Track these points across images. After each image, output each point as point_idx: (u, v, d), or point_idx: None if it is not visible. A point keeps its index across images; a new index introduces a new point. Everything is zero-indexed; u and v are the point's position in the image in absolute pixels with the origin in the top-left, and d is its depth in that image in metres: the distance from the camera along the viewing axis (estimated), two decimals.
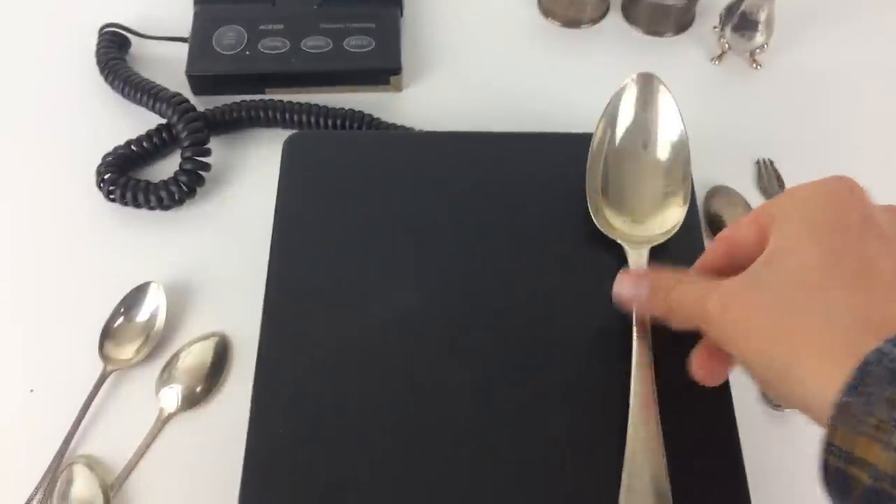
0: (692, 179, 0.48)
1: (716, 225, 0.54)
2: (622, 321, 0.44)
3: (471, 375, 0.44)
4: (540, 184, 0.50)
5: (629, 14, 0.65)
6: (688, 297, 0.39)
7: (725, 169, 0.57)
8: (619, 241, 0.47)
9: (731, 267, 0.38)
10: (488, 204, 0.50)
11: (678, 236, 0.47)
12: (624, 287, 0.43)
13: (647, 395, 0.41)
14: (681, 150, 0.48)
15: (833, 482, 0.29)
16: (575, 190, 0.49)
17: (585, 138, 0.50)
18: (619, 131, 0.49)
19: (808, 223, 0.36)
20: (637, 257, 0.46)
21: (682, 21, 0.65)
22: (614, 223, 0.47)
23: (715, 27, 0.63)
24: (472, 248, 0.48)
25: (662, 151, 0.48)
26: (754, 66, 0.63)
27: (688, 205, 0.47)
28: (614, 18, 0.66)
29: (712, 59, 0.63)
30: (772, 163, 0.57)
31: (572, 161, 0.50)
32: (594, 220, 0.47)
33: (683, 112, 0.49)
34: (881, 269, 0.34)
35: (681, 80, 0.62)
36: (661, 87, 0.48)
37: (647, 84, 0.49)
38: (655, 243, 0.46)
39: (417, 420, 0.43)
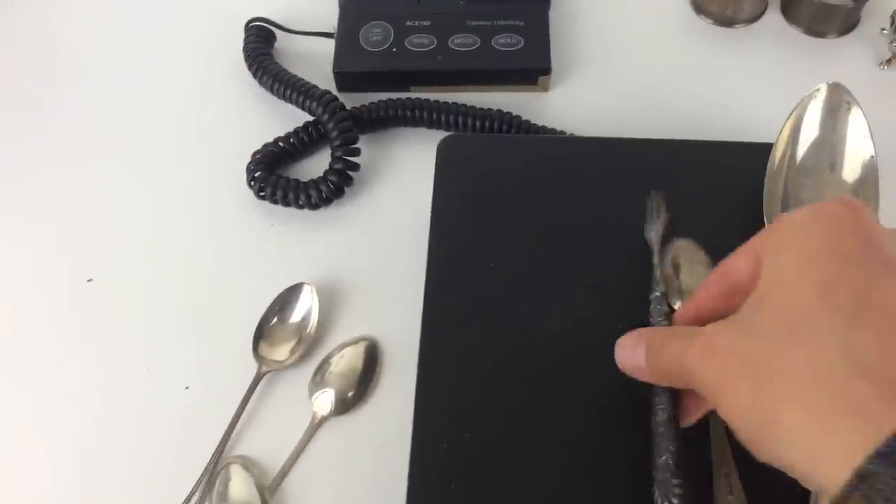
0: (879, 202, 0.45)
1: None
2: None
3: (635, 387, 0.42)
4: (707, 196, 0.48)
5: (789, 13, 0.62)
6: (672, 353, 0.34)
7: None
8: None
9: (729, 308, 0.34)
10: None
11: None
12: (623, 355, 0.38)
13: None
14: (870, 171, 0.45)
15: None
16: (746, 205, 0.47)
17: (755, 148, 0.48)
18: (803, 148, 0.46)
19: (800, 253, 0.31)
20: None
21: (847, 22, 0.61)
22: None
23: (883, 30, 0.60)
24: (634, 256, 0.46)
25: (850, 170, 0.45)
26: None
27: None
28: (772, 17, 0.63)
29: (880, 64, 0.60)
30: None
31: (743, 174, 0.48)
32: None
33: None
34: (880, 302, 0.29)
35: (845, 84, 0.59)
36: (851, 101, 0.45)
37: (836, 95, 0.46)
38: None
39: (588, 435, 0.41)
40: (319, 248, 0.53)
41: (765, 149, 0.47)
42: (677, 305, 0.44)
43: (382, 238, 0.54)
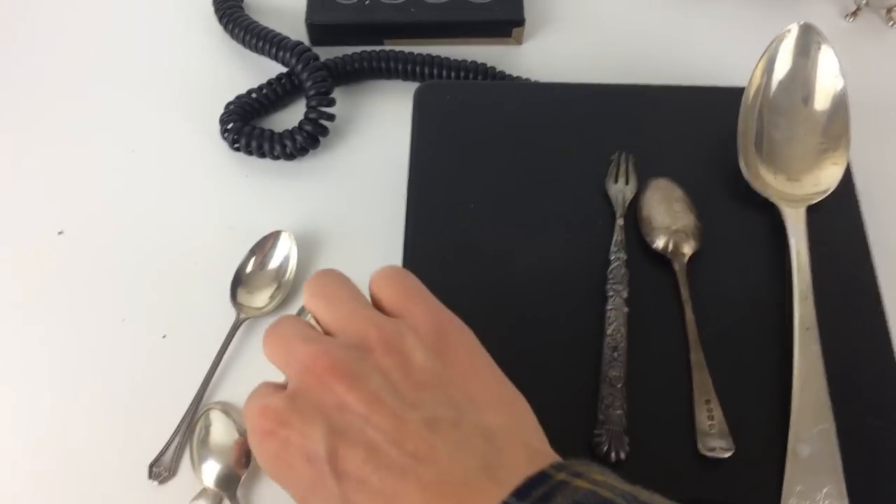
0: (849, 139, 0.46)
1: None
2: (777, 283, 0.43)
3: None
4: (682, 138, 0.49)
5: None
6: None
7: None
8: (773, 201, 0.45)
9: None
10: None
11: (834, 197, 0.45)
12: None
13: (814, 355, 0.40)
14: (840, 106, 0.46)
15: None
16: (720, 146, 0.48)
17: (727, 92, 0.49)
18: (776, 83, 0.47)
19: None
20: (795, 218, 0.44)
21: None
22: (768, 180, 0.45)
23: None
24: (607, 198, 0.47)
25: (821, 107, 0.46)
26: (890, 23, 0.60)
27: (845, 164, 0.45)
28: None
29: (846, 17, 0.61)
30: None
31: (716, 116, 0.49)
32: (746, 177, 0.46)
33: None
34: None
35: None
36: (822, 40, 0.46)
37: (807, 35, 0.47)
38: (812, 202, 0.45)
39: (563, 368, 0.42)
40: (296, 198, 0.53)
41: (737, 92, 0.48)
42: (656, 244, 0.44)
43: (359, 187, 0.54)
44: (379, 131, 0.56)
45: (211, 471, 0.43)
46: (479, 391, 0.32)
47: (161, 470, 0.43)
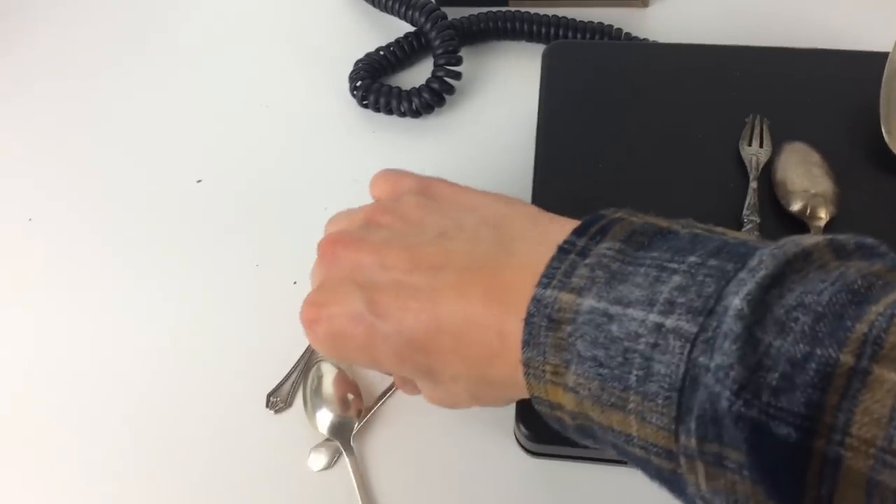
0: None
1: None
2: None
3: None
4: (819, 103, 0.48)
5: None
6: None
7: None
8: None
9: None
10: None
11: None
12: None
13: None
14: None
15: (556, 426, 0.30)
16: (859, 112, 0.46)
17: (869, 57, 0.47)
18: None
19: None
20: None
21: None
22: None
23: None
24: (739, 162, 0.46)
25: None
26: None
27: None
28: None
29: None
30: None
31: (855, 81, 0.47)
32: (888, 144, 0.44)
33: None
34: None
35: None
36: None
37: None
38: None
39: None
40: (422, 156, 0.54)
41: (875, 57, 0.47)
42: (792, 207, 0.44)
43: (484, 145, 0.54)
44: (503, 91, 0.57)
45: (324, 419, 0.44)
46: (473, 201, 0.35)
47: (278, 400, 0.45)
